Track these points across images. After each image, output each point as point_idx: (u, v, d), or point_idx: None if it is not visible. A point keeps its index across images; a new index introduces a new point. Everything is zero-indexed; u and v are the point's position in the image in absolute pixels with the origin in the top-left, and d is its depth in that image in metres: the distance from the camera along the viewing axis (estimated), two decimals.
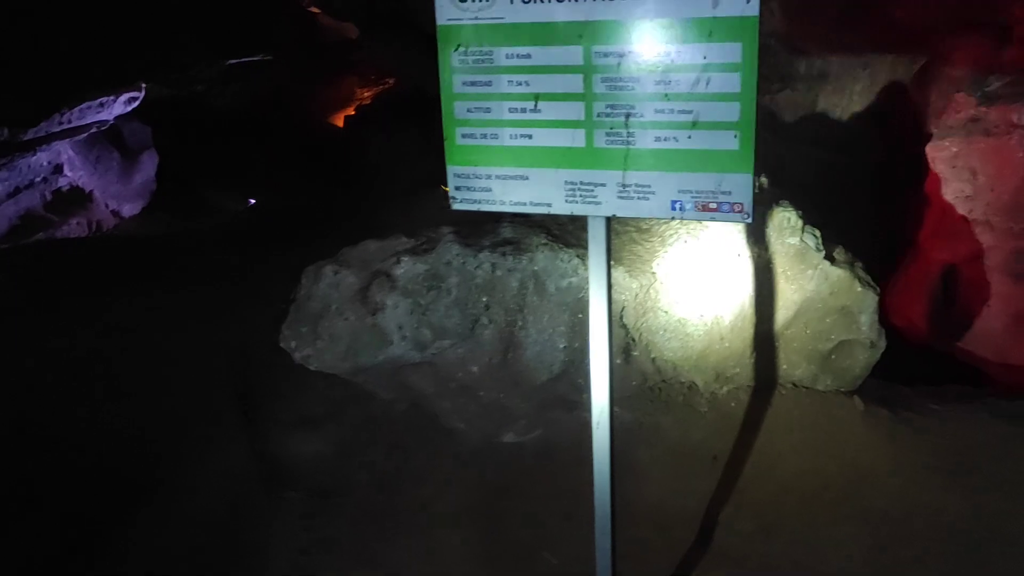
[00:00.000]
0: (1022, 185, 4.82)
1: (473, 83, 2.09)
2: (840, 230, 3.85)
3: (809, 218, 3.44)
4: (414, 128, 14.69)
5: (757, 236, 3.34)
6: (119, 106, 13.17)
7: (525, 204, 2.14)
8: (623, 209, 2.06)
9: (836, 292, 3.39)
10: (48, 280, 6.70)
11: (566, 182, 2.08)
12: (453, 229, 3.38)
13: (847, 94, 6.27)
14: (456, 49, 2.07)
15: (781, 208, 3.35)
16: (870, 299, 3.41)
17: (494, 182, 2.15)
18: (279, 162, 16.50)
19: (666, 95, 1.94)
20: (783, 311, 3.43)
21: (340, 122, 18.57)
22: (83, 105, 12.15)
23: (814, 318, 3.44)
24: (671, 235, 3.40)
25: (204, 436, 4.23)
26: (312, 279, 3.49)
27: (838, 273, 3.37)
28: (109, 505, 3.71)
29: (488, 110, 2.09)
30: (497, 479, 3.52)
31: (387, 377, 3.57)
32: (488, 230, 3.41)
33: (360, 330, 3.31)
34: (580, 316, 3.33)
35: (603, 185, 2.05)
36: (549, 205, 2.12)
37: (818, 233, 3.39)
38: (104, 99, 12.51)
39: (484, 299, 3.26)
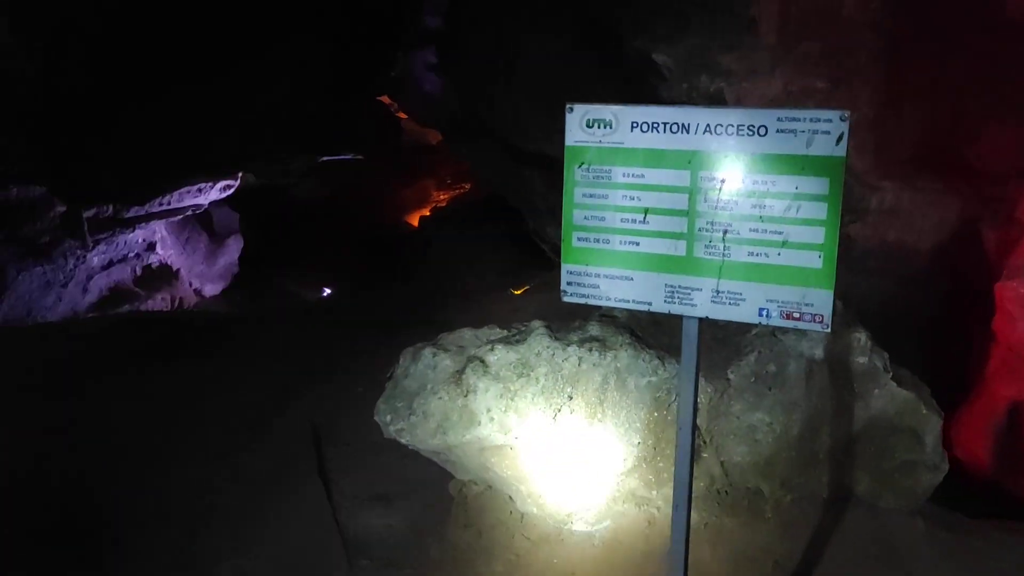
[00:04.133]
0: None
1: (592, 195, 2.43)
2: (905, 359, 4.05)
3: (877, 341, 3.66)
4: (486, 233, 15.29)
5: (828, 353, 3.57)
6: (215, 192, 14.07)
7: (628, 301, 2.44)
8: (715, 312, 2.34)
9: (901, 412, 3.57)
10: (134, 348, 7.16)
11: (666, 285, 2.38)
12: (544, 324, 3.68)
13: (917, 230, 6.51)
14: (580, 166, 2.42)
15: (851, 329, 3.58)
16: (934, 422, 3.58)
17: (602, 280, 2.46)
18: (354, 255, 17.21)
19: (760, 217, 2.25)
20: (849, 427, 3.61)
21: (415, 221, 19.35)
22: (183, 189, 13.03)
23: (879, 436, 3.61)
24: (746, 346, 3.65)
25: (285, 502, 4.51)
26: (410, 359, 3.81)
27: (904, 395, 3.56)
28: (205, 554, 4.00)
29: (603, 219, 2.43)
30: (565, 564, 3.70)
31: (469, 457, 3.82)
32: (576, 327, 3.70)
33: (451, 409, 3.59)
34: (656, 415, 3.56)
35: (699, 290, 2.35)
36: (649, 304, 2.41)
37: (886, 355, 3.61)
38: (203, 185, 13.40)
39: (568, 390, 3.53)
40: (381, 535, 4.20)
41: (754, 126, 2.22)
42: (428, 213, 18.95)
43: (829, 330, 2.26)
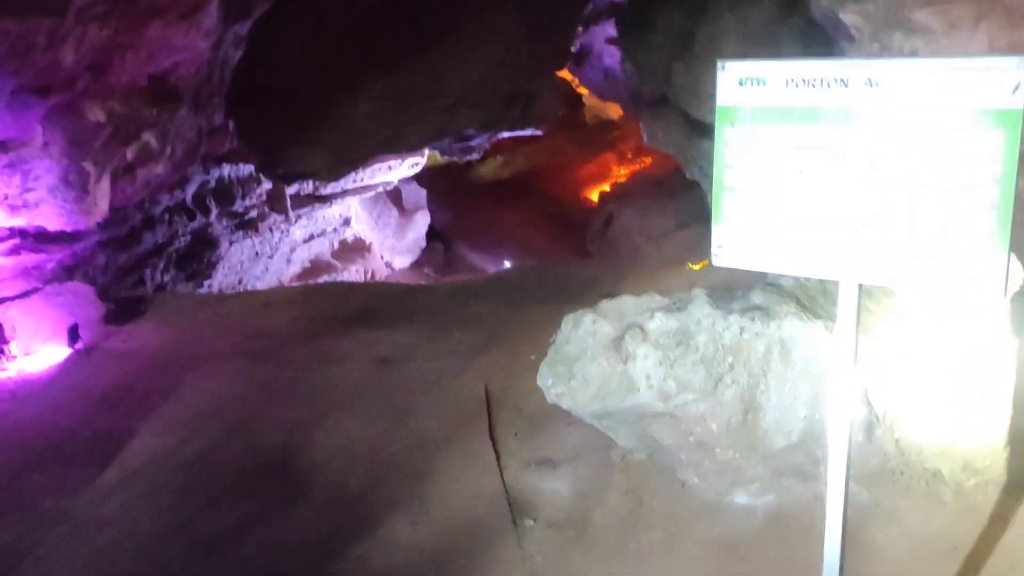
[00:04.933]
0: None
1: (745, 155, 2.37)
2: None
3: None
4: (667, 207, 15.09)
5: (1018, 324, 3.29)
6: (404, 169, 14.74)
7: (784, 266, 2.37)
8: (875, 277, 2.24)
9: None
10: (335, 315, 7.68)
11: (823, 249, 2.29)
12: (705, 292, 3.63)
13: None
14: (732, 125, 2.37)
15: None
16: None
17: (756, 243, 2.40)
18: (535, 230, 17.50)
19: (927, 175, 2.11)
20: None
21: (595, 197, 19.38)
22: (375, 166, 13.74)
23: None
24: (921, 317, 3.43)
25: (456, 461, 4.72)
26: (571, 325, 3.87)
27: None
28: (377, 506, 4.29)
29: (755, 180, 2.37)
30: (726, 536, 3.65)
31: (629, 424, 3.84)
32: (738, 295, 3.62)
33: (611, 375, 3.63)
34: (824, 388, 3.43)
35: (859, 254, 2.24)
36: (807, 268, 2.33)
37: None
38: (393, 162, 14.07)
39: (729, 360, 3.47)
40: (546, 497, 4.30)
41: (918, 77, 2.08)
42: (608, 188, 18.92)
43: (1006, 296, 2.09)
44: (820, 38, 7.57)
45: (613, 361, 3.62)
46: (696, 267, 10.84)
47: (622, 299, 3.84)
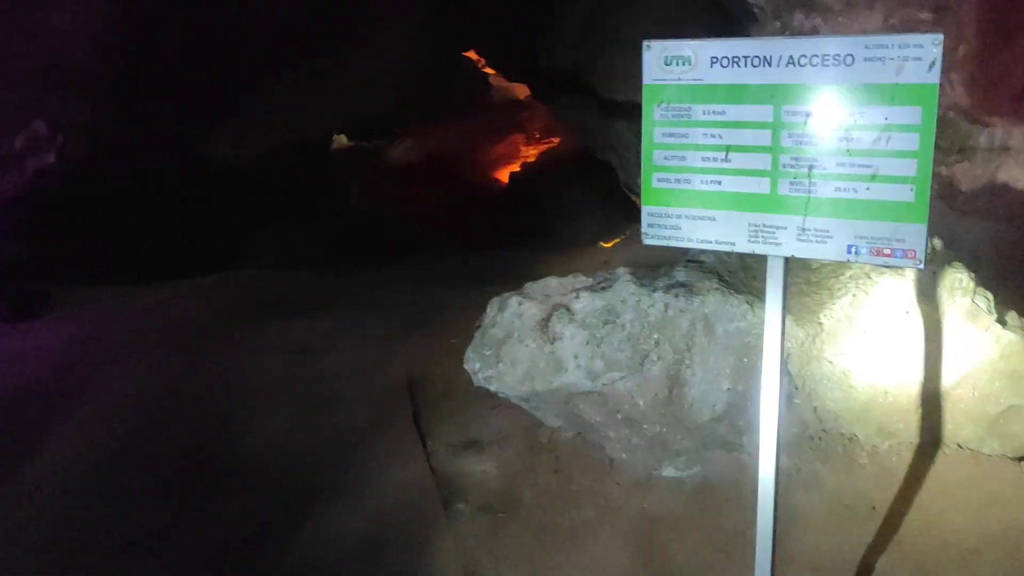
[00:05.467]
0: None
1: (671, 135, 2.39)
2: (1012, 301, 3.86)
3: (982, 282, 3.50)
4: (576, 187, 15.20)
5: (927, 294, 3.44)
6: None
7: (711, 242, 2.41)
8: (801, 251, 2.29)
9: (1007, 356, 3.42)
10: (247, 304, 7.47)
11: (750, 224, 2.34)
12: (629, 270, 3.66)
13: None
14: (659, 105, 2.38)
15: (953, 268, 3.44)
16: None
17: (684, 221, 2.43)
18: (447, 212, 17.39)
19: (848, 151, 2.17)
20: (950, 371, 3.48)
21: (505, 178, 19.38)
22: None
23: (983, 381, 3.47)
24: (840, 288, 3.55)
25: (383, 449, 4.66)
26: (497, 308, 3.86)
27: (1010, 337, 3.40)
28: (305, 499, 4.19)
29: (683, 158, 2.39)
30: (655, 510, 3.72)
31: (557, 404, 3.86)
32: (662, 273, 3.68)
33: (538, 357, 3.64)
34: (745, 360, 3.52)
35: (784, 228, 2.29)
36: (733, 244, 2.38)
37: (990, 296, 3.45)
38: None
39: (655, 336, 3.52)
40: (475, 480, 4.30)
41: (840, 55, 2.13)
42: (518, 169, 18.95)
43: (922, 266, 2.18)
44: (724, 17, 7.73)
45: (540, 342, 3.63)
46: (608, 245, 10.98)
47: (546, 280, 3.85)
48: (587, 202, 14.71)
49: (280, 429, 4.94)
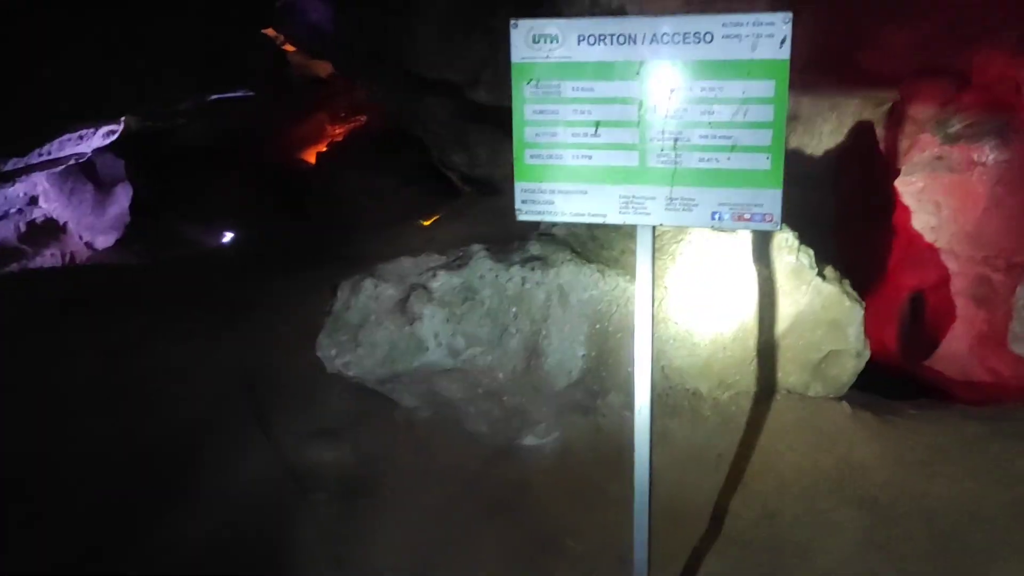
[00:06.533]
0: (982, 216, 5.31)
1: (542, 111, 2.44)
2: (818, 257, 4.26)
3: (802, 240, 3.84)
4: (388, 165, 15.05)
5: (758, 255, 3.73)
6: (98, 139, 13.32)
7: (583, 215, 2.49)
8: (670, 219, 2.42)
9: (827, 306, 3.78)
10: (45, 304, 6.85)
11: (620, 196, 2.44)
12: (484, 246, 3.70)
13: (817, 134, 6.77)
14: (528, 82, 2.42)
15: (780, 230, 3.74)
16: (857, 313, 3.81)
17: (557, 196, 2.49)
18: (252, 196, 16.68)
19: (710, 123, 2.31)
20: (780, 323, 3.80)
21: (312, 158, 18.83)
22: (63, 137, 12.28)
23: (807, 330, 3.82)
24: (680, 253, 3.77)
25: (225, 447, 4.46)
26: (350, 292, 3.78)
27: (829, 289, 3.76)
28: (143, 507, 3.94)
29: (554, 134, 2.45)
30: (519, 477, 3.81)
31: (417, 384, 3.86)
32: (516, 247, 3.75)
33: (399, 338, 3.61)
34: (598, 326, 3.66)
35: (652, 199, 2.41)
36: (604, 216, 2.47)
37: (811, 252, 3.80)
38: (84, 132, 12.65)
39: (513, 310, 3.59)
40: (332, 468, 4.21)
41: (699, 33, 2.26)
42: (325, 149, 18.47)
43: (779, 228, 2.36)
44: None
45: (400, 324, 3.60)
46: (427, 223, 10.98)
47: (400, 261, 3.82)
48: (400, 180, 14.60)
49: (104, 436, 4.59)
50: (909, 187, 5.55)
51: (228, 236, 14.86)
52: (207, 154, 17.65)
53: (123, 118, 13.07)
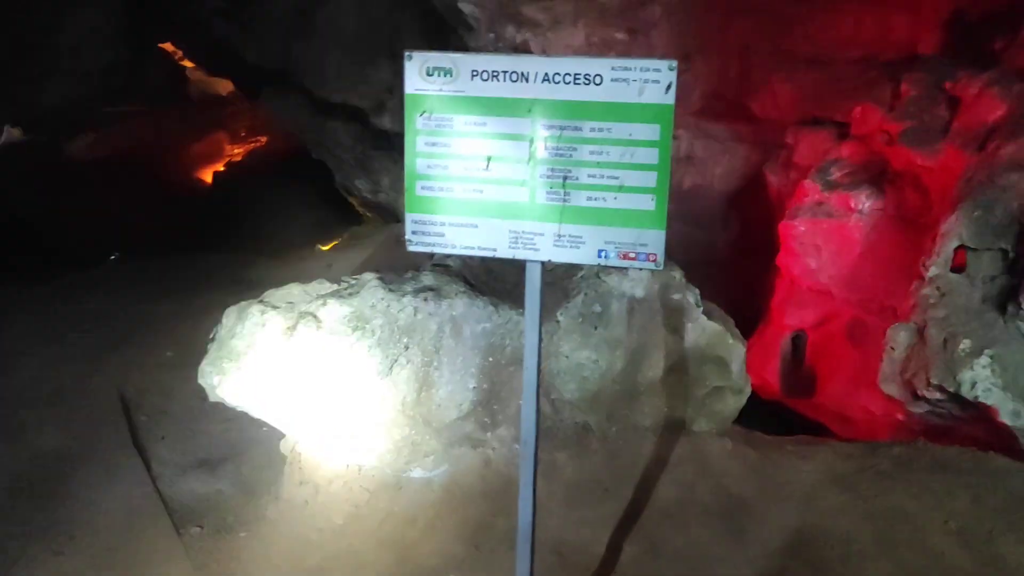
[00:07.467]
0: (858, 261, 5.60)
1: (434, 144, 2.44)
2: (705, 296, 4.39)
3: (689, 279, 3.95)
4: (288, 188, 14.78)
5: (647, 292, 3.81)
6: None
7: (473, 248, 2.49)
8: (558, 256, 2.44)
9: (711, 343, 3.89)
10: None
11: (510, 231, 2.45)
12: (377, 275, 3.66)
13: (709, 176, 7.02)
14: (421, 114, 2.42)
15: (667, 268, 3.84)
16: (739, 350, 3.93)
17: (447, 228, 2.49)
18: (144, 215, 16.08)
19: (598, 163, 2.36)
20: (667, 359, 3.89)
21: (208, 177, 18.33)
22: None
23: (692, 365, 3.92)
24: (573, 289, 3.82)
25: (98, 478, 4.25)
26: (236, 318, 3.67)
27: (714, 327, 3.87)
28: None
29: (446, 167, 2.45)
30: (405, 511, 3.75)
31: (305, 413, 3.76)
32: (409, 277, 3.72)
33: (284, 367, 3.52)
34: (491, 359, 3.67)
35: (541, 235, 2.44)
36: (495, 250, 2.48)
37: (697, 291, 3.91)
38: None
39: (405, 340, 3.56)
40: (210, 501, 4.07)
41: (590, 75, 2.31)
42: (223, 168, 18.02)
43: (662, 267, 2.42)
44: (441, 24, 7.93)
45: (286, 352, 3.51)
46: (326, 248, 10.82)
47: (289, 287, 3.74)
48: (300, 203, 14.36)
49: None
50: (792, 231, 5.81)
51: (115, 256, 14.25)
52: (97, 169, 16.96)
53: (5, 128, 12.47)
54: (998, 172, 4.52)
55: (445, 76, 2.38)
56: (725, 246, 6.99)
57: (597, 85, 2.31)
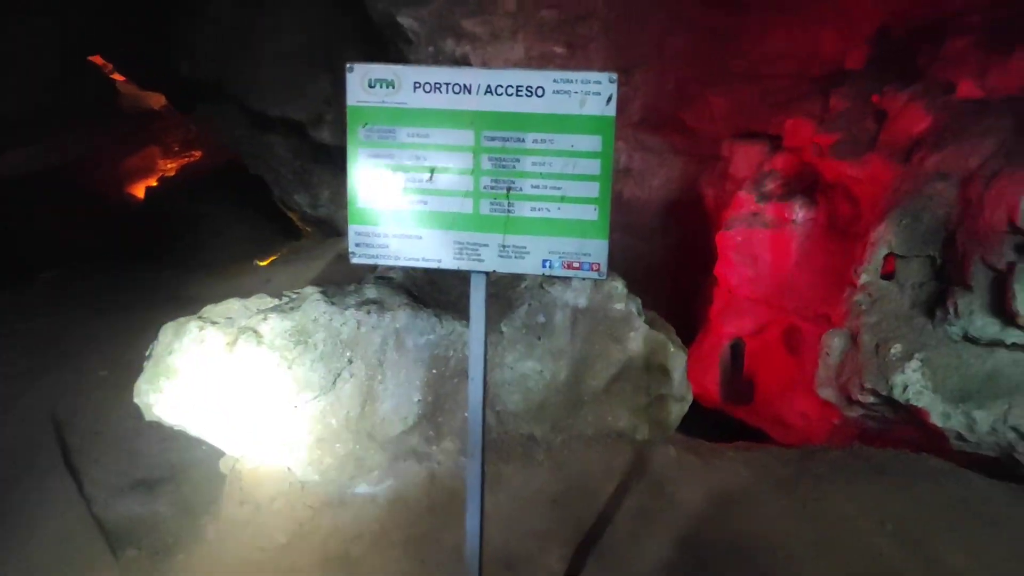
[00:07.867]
0: (793, 270, 5.73)
1: (377, 155, 2.43)
2: (646, 306, 4.46)
3: (631, 288, 3.99)
4: (224, 203, 14.54)
5: (590, 302, 3.84)
6: None
7: (418, 260, 2.49)
8: (502, 266, 2.46)
9: (654, 352, 3.94)
10: None
11: (455, 242, 2.46)
12: (319, 288, 3.62)
13: (647, 187, 7.12)
14: (363, 126, 2.41)
15: (610, 278, 3.88)
16: (681, 359, 3.99)
17: (391, 240, 2.49)
18: (74, 232, 15.64)
19: (541, 174, 2.38)
20: (610, 368, 3.92)
21: (140, 193, 17.93)
22: None
23: (635, 375, 3.96)
24: (517, 299, 3.83)
25: (29, 501, 4.11)
26: (172, 335, 3.59)
27: (656, 336, 3.92)
28: None
29: (389, 179, 2.44)
30: (350, 527, 3.70)
31: (244, 431, 3.69)
32: (352, 290, 3.69)
33: (224, 383, 3.45)
34: (435, 371, 3.65)
35: (486, 246, 2.45)
36: (439, 261, 2.48)
37: (639, 301, 3.95)
38: None
39: (348, 354, 3.52)
40: (147, 522, 3.96)
41: (532, 87, 2.34)
42: (156, 183, 17.64)
43: (605, 277, 2.45)
44: (379, 37, 7.91)
45: (226, 369, 3.44)
46: (264, 263, 10.65)
47: (228, 303, 3.67)
48: (236, 219, 14.15)
49: None
50: (729, 240, 5.93)
51: (47, 273, 13.80)
52: (24, 184, 16.45)
53: None
54: (924, 182, 4.69)
55: (387, 88, 2.38)
56: (664, 256, 7.09)
57: (539, 97, 2.33)
